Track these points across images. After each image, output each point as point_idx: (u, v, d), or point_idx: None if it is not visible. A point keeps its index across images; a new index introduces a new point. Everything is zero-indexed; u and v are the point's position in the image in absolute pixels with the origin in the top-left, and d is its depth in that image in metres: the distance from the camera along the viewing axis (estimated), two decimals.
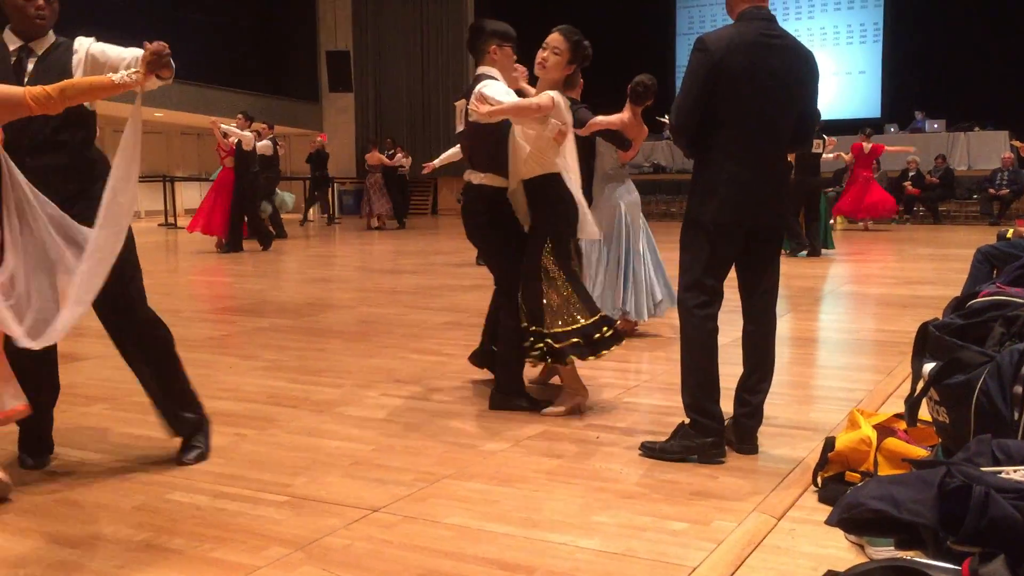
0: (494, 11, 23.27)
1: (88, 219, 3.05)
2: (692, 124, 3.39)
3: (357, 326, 6.55)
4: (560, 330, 4.04)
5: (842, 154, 14.81)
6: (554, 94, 3.98)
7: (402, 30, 23.11)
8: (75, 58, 3.23)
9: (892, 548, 2.39)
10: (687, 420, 3.44)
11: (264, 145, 13.52)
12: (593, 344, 4.05)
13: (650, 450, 3.48)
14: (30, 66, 3.21)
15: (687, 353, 3.46)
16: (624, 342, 4.29)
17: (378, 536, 2.74)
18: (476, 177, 4.25)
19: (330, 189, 19.76)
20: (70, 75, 3.14)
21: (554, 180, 4.07)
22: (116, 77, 2.98)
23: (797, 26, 21.64)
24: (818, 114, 3.94)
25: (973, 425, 2.71)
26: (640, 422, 3.96)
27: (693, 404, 3.42)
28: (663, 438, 3.51)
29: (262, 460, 3.45)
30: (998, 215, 16.63)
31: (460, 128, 4.45)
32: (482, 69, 4.22)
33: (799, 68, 3.42)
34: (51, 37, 3.29)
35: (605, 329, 4.08)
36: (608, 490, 3.12)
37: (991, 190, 16.81)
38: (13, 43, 3.25)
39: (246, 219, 12.81)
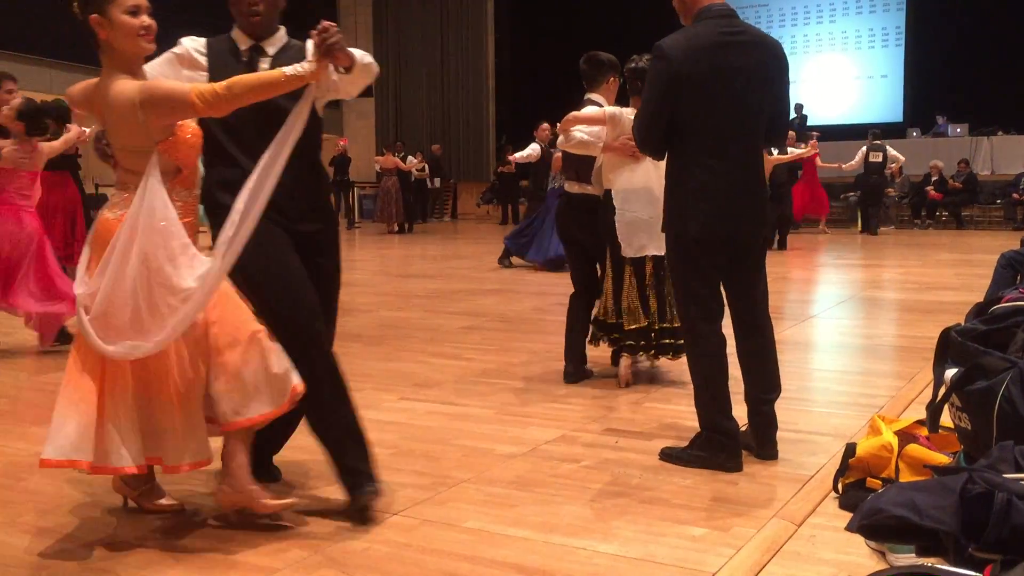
0: (515, 20, 23.36)
1: (326, 242, 3.01)
2: (655, 136, 3.31)
3: (376, 330, 6.57)
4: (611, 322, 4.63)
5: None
6: (612, 109, 4.57)
7: (422, 37, 23.23)
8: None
9: (913, 555, 2.37)
10: (702, 433, 3.43)
11: None
12: (639, 348, 4.59)
13: (668, 456, 3.46)
14: (264, 66, 2.92)
15: (697, 369, 3.43)
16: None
17: (397, 539, 2.75)
18: (575, 187, 4.90)
19: (351, 193, 19.84)
20: None
21: (603, 197, 4.60)
22: (288, 70, 2.64)
23: (819, 30, 21.56)
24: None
25: (996, 431, 2.69)
26: (659, 428, 3.95)
27: (706, 420, 3.40)
28: (683, 443, 3.50)
29: (282, 463, 3.46)
30: (1022, 220, 16.48)
31: (563, 147, 4.93)
32: (593, 96, 4.87)
33: (766, 64, 3.31)
34: (283, 36, 3.02)
35: (653, 336, 4.55)
36: (627, 495, 3.12)
37: (1015, 195, 16.66)
38: (244, 43, 2.98)
39: None
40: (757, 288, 3.46)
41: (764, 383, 3.45)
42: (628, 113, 4.48)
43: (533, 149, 12.02)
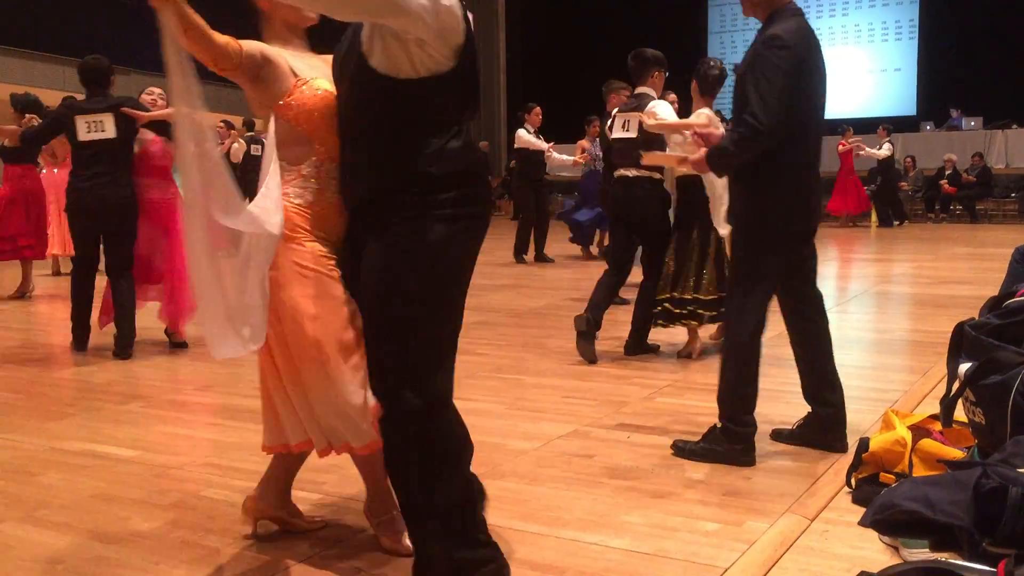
0: (526, 14, 23.31)
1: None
2: (782, 127, 3.16)
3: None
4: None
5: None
6: (707, 112, 4.98)
7: None
8: None
9: (927, 550, 2.36)
10: (719, 424, 3.41)
11: (233, 149, 12.22)
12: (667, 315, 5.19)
13: (680, 450, 3.46)
14: None
15: (738, 365, 3.36)
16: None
17: None
18: (632, 171, 5.33)
19: None
20: None
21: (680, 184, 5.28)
22: None
23: (832, 23, 21.46)
24: None
25: (1010, 426, 2.67)
26: (671, 422, 3.95)
27: (730, 411, 3.38)
28: (696, 438, 3.49)
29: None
30: None
31: (619, 135, 5.50)
32: (641, 89, 5.36)
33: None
34: None
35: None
36: (639, 490, 3.12)
37: None
38: None
39: None
40: (815, 275, 3.57)
41: (828, 366, 3.52)
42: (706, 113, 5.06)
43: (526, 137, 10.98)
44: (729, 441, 3.35)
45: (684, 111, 6.04)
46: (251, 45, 2.48)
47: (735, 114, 3.32)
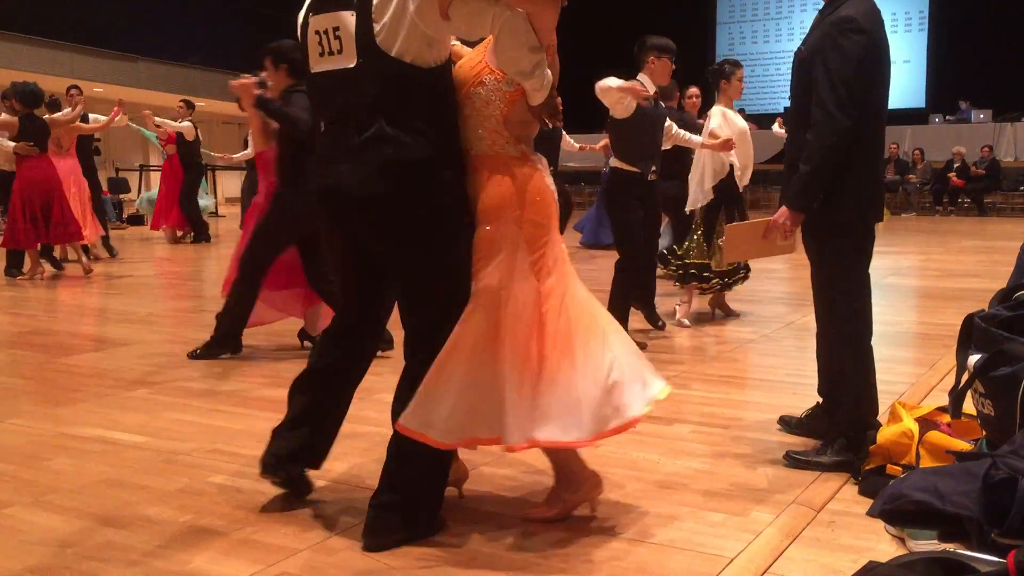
0: None
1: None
2: (857, 116, 2.94)
3: (394, 314, 6.57)
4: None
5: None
6: (722, 109, 5.92)
7: None
8: None
9: (935, 541, 2.36)
10: (841, 437, 3.16)
11: (188, 127, 12.14)
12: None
13: (797, 461, 3.20)
14: None
15: (861, 366, 3.18)
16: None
17: None
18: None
19: None
20: None
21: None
22: None
23: None
24: None
25: (1019, 417, 2.66)
26: (678, 412, 3.95)
27: (858, 421, 3.16)
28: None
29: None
30: None
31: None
32: (640, 77, 5.25)
33: None
34: None
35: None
36: (645, 480, 3.12)
37: None
38: None
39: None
40: None
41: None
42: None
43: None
44: (857, 452, 3.11)
45: (706, 105, 6.63)
46: None
47: (795, 100, 3.14)
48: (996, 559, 2.00)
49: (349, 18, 2.48)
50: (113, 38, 17.95)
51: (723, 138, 5.67)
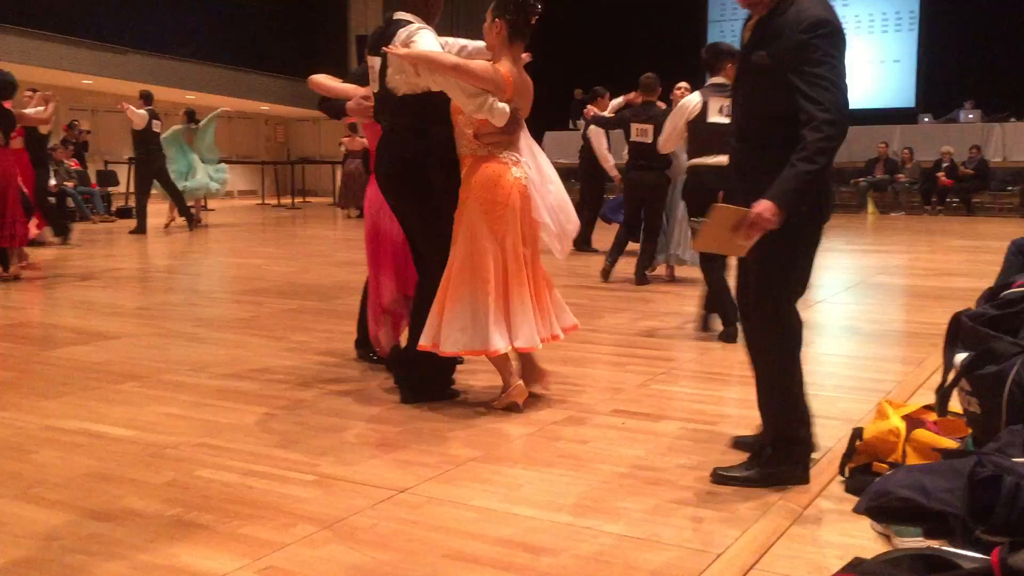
0: None
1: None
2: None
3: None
4: None
5: None
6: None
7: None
8: None
9: (920, 538, 2.37)
10: (769, 445, 3.08)
11: (140, 116, 12.46)
12: None
13: (723, 478, 3.06)
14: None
15: (783, 367, 3.05)
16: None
17: (404, 516, 2.76)
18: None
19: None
20: None
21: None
22: None
23: None
24: None
25: (1005, 415, 2.68)
26: (665, 409, 3.96)
27: (784, 429, 3.05)
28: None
29: (290, 439, 3.48)
30: None
31: (716, 119, 5.59)
32: (714, 80, 5.61)
33: None
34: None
35: None
36: (633, 476, 3.12)
37: None
38: None
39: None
40: None
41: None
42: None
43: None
44: (787, 464, 3.03)
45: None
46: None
47: (748, 108, 3.04)
48: (980, 556, 2.01)
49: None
50: (103, 30, 17.86)
51: None
